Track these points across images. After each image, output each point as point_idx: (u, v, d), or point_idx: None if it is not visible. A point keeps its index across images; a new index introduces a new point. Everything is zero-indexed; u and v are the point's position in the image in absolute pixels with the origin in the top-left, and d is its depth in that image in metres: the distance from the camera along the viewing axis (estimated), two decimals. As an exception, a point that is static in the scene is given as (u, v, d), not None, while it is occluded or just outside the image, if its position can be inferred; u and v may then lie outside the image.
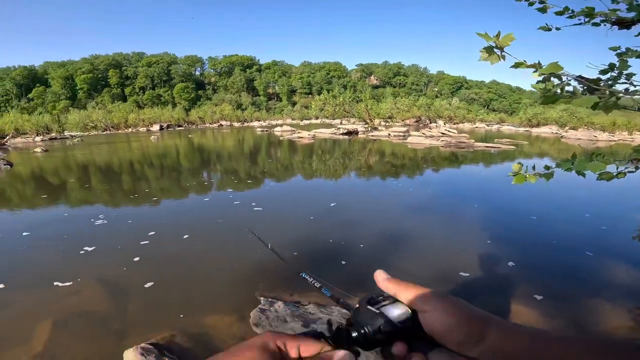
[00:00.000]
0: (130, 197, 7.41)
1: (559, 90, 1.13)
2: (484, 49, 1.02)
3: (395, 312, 0.43)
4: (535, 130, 38.29)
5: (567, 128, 37.45)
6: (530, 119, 44.96)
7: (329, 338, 0.43)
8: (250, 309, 2.89)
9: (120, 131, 48.88)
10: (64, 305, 3.13)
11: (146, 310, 3.03)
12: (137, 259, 4.04)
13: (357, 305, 0.46)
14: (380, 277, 0.48)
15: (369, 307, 0.44)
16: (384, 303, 0.45)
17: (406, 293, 0.45)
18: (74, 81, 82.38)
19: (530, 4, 1.51)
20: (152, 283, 3.45)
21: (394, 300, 0.45)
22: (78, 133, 43.27)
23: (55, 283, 3.48)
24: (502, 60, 1.04)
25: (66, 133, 41.46)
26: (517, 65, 1.09)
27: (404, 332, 0.42)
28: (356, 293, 2.81)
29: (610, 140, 26.20)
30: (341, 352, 0.40)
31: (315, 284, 0.56)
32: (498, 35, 1.00)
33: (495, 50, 1.02)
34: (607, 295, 3.14)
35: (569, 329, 2.65)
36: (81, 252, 4.27)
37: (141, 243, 4.52)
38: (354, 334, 0.42)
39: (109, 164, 13.31)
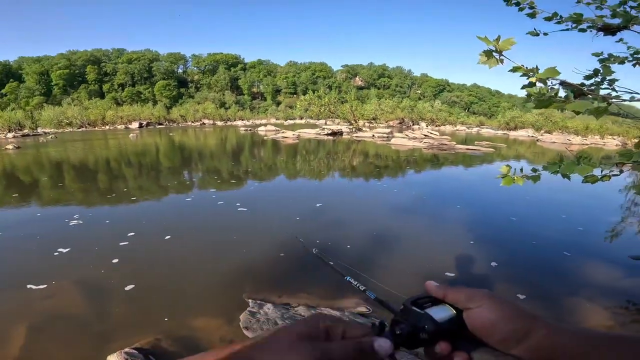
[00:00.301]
0: (107, 197, 7.14)
1: (552, 94, 1.15)
2: (483, 52, 1.02)
3: (439, 312, 0.44)
4: (512, 134, 39.51)
5: (542, 131, 38.87)
6: (508, 122, 46.37)
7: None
8: (238, 311, 2.83)
9: (96, 128, 47.27)
10: (40, 309, 2.98)
11: (128, 314, 2.91)
12: (115, 260, 3.89)
13: (402, 306, 0.47)
14: (430, 286, 0.49)
15: (413, 307, 0.45)
16: (428, 304, 0.46)
17: (453, 294, 0.45)
18: (49, 77, 79.02)
19: (521, 9, 1.53)
20: (133, 285, 3.33)
21: (439, 302, 0.46)
22: (52, 130, 41.57)
23: (29, 285, 3.31)
24: (500, 64, 1.05)
25: (39, 130, 39.70)
26: (515, 69, 1.09)
27: (447, 332, 0.43)
28: (401, 295, 2.79)
29: (583, 144, 27.37)
30: (382, 340, 0.40)
31: (360, 287, 0.58)
32: (498, 39, 1.00)
33: (495, 54, 1.02)
34: (585, 294, 3.25)
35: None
36: (55, 253, 4.07)
37: (120, 244, 4.36)
38: (398, 332, 0.43)
39: (84, 162, 12.82)
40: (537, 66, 1.10)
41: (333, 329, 0.40)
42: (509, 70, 1.10)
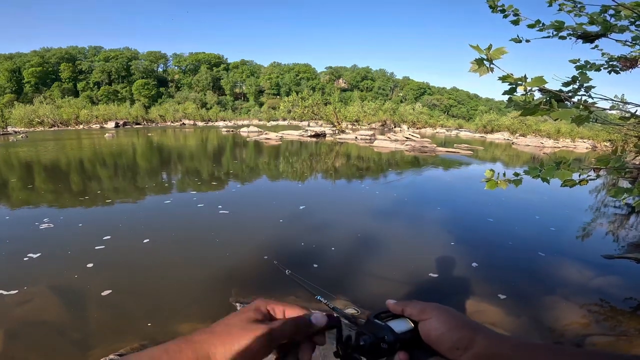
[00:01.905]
0: (79, 199, 6.83)
1: (538, 103, 1.17)
2: (474, 60, 1.03)
3: (398, 325, 0.48)
4: (489, 136, 40.80)
5: (517, 134, 40.31)
6: (485, 125, 47.86)
7: (339, 346, 0.48)
8: (225, 315, 2.75)
9: (70, 128, 45.43)
10: (13, 315, 2.83)
11: (107, 320, 2.79)
12: (90, 265, 3.72)
13: (366, 320, 0.51)
14: (389, 303, 0.53)
15: (375, 320, 0.49)
16: (389, 318, 0.50)
17: (409, 308, 0.50)
18: (21, 74, 75.51)
19: (505, 16, 1.56)
20: (110, 291, 3.19)
21: (398, 316, 0.51)
22: (23, 129, 39.73)
23: (-1, 291, 3.14)
24: (490, 72, 1.06)
25: (9, 129, 37.88)
26: (504, 78, 1.11)
27: (405, 343, 0.47)
28: (364, 311, 2.81)
29: (555, 147, 28.55)
30: (318, 313, 0.46)
31: (330, 305, 0.63)
32: (489, 48, 1.01)
33: (485, 62, 1.03)
34: (561, 292, 3.37)
35: (533, 327, 2.80)
36: (25, 258, 3.85)
37: (96, 248, 4.18)
38: (362, 343, 0.47)
39: (56, 162, 12.26)
40: (525, 75, 1.12)
41: (275, 310, 0.46)
42: (499, 78, 1.11)
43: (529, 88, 1.46)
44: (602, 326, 2.85)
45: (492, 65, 1.04)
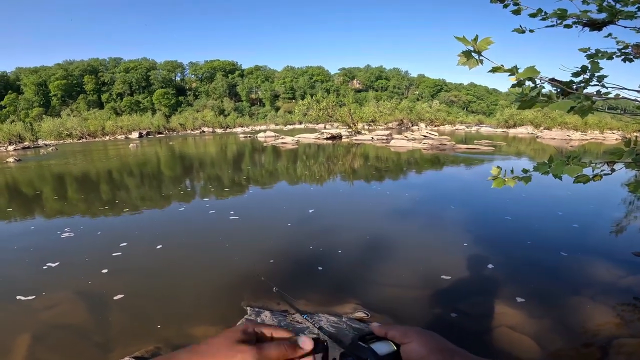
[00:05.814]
0: (100, 209, 7.10)
1: (534, 94, 1.11)
2: (462, 53, 0.99)
3: (381, 347, 0.50)
4: (512, 131, 39.50)
5: (541, 128, 38.81)
6: (507, 120, 46.33)
7: None
8: (237, 318, 2.79)
9: (97, 139, 47.41)
10: (34, 319, 2.98)
11: (122, 323, 2.88)
12: (105, 270, 3.85)
13: (351, 341, 0.52)
14: (373, 326, 0.55)
15: (359, 342, 0.51)
16: (372, 340, 0.52)
17: (392, 331, 0.51)
18: (47, 87, 79.36)
19: (505, 6, 1.50)
20: (122, 295, 3.29)
21: (381, 339, 0.52)
22: (52, 142, 41.81)
23: (18, 297, 3.31)
24: (480, 64, 1.01)
25: (40, 142, 39.98)
26: (494, 69, 1.06)
27: None
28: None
29: (583, 139, 27.29)
30: (306, 337, 0.46)
31: (316, 325, 0.66)
32: (476, 39, 0.96)
33: (474, 54, 0.98)
34: (587, 292, 3.18)
35: (557, 329, 2.66)
36: (44, 267, 4.03)
37: (113, 255, 4.32)
38: None
39: (83, 173, 12.82)
40: (516, 65, 1.06)
41: (263, 332, 0.46)
42: (489, 71, 1.06)
43: (538, 81, 1.39)
44: (634, 327, 2.68)
45: (481, 57, 0.99)
